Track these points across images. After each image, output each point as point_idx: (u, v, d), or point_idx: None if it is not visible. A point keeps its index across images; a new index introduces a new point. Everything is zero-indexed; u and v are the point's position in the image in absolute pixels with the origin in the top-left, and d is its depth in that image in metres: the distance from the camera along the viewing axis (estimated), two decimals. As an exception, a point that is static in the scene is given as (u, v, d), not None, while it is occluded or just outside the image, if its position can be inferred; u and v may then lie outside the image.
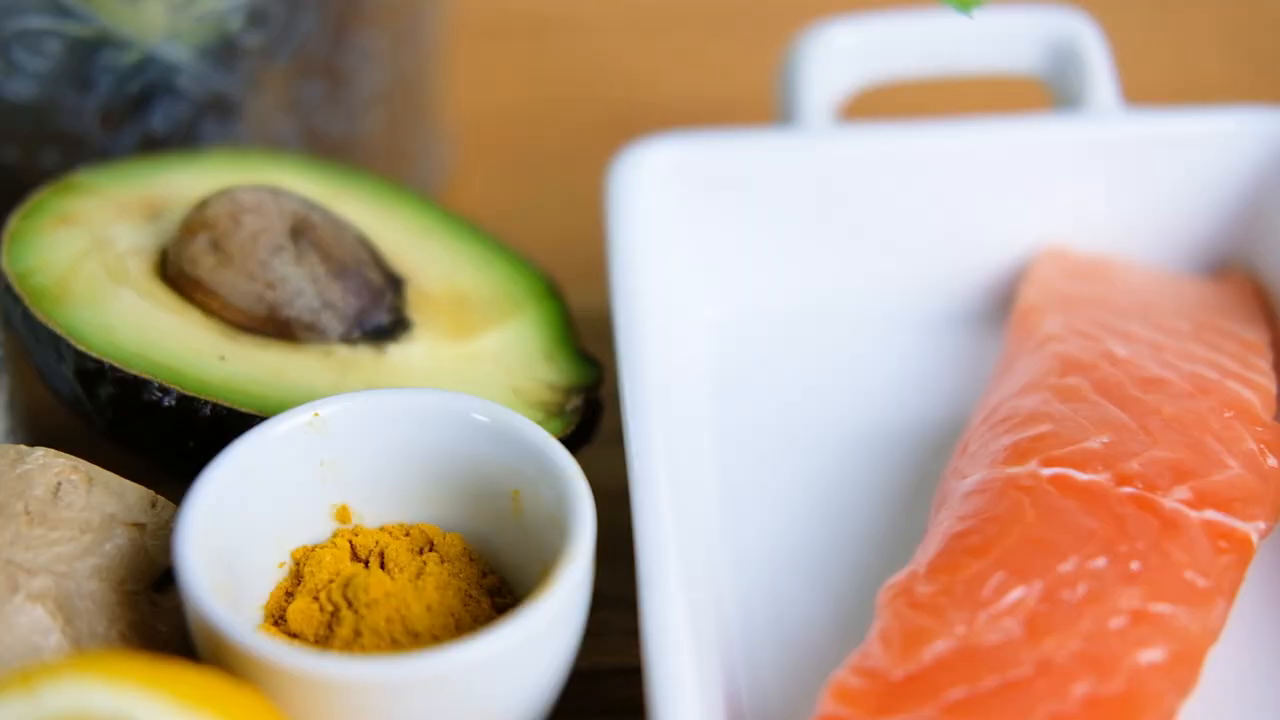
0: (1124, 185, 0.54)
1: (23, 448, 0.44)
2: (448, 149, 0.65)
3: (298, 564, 0.44)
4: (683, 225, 0.54)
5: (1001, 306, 0.55)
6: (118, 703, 0.35)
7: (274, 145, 0.56)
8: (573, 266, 0.56)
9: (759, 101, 0.65)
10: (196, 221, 0.48)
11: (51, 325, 0.46)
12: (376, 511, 0.45)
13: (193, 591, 0.39)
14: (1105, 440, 0.44)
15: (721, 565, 0.48)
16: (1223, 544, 0.42)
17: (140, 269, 0.49)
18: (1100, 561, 0.41)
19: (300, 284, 0.48)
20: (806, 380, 0.53)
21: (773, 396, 0.53)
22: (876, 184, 0.54)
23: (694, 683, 0.40)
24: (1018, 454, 0.44)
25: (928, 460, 0.51)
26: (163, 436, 0.46)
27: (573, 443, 0.47)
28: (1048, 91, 0.57)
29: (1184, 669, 0.40)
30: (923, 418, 0.52)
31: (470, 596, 0.43)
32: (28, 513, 0.42)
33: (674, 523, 0.43)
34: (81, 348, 0.46)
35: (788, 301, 0.55)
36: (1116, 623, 0.40)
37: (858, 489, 0.50)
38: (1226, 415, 0.45)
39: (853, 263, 0.55)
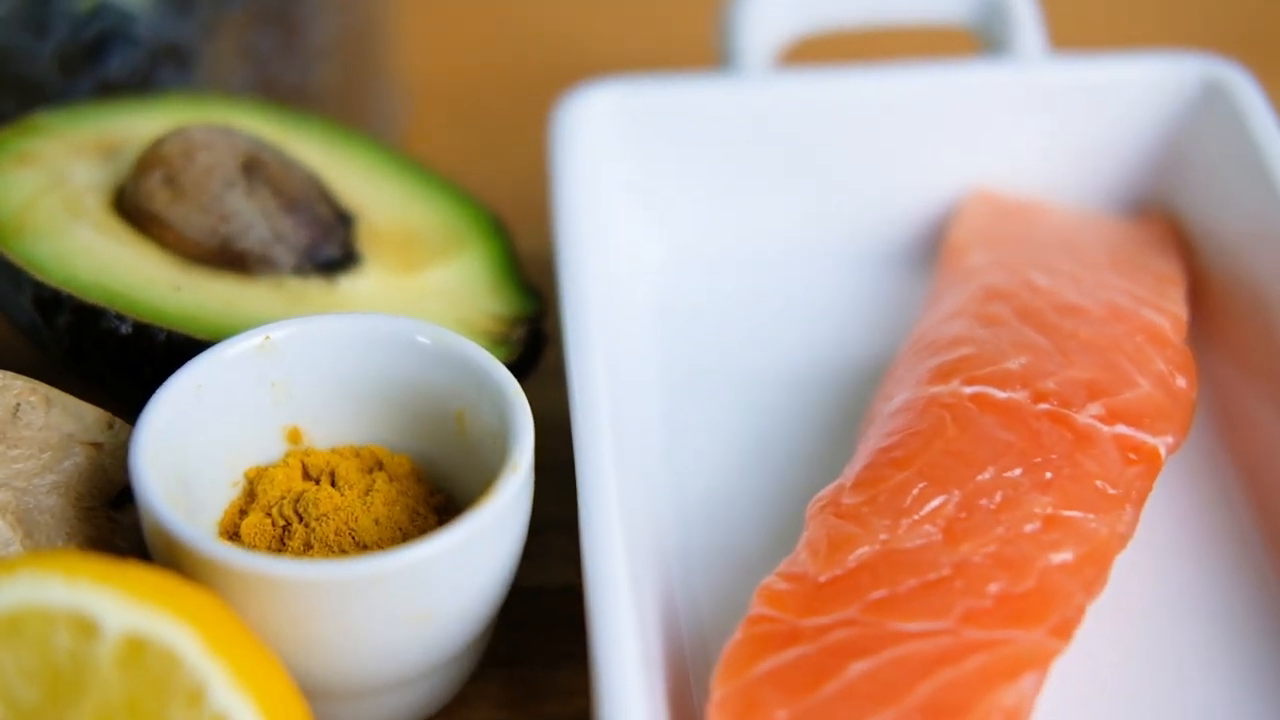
0: (1050, 130, 0.56)
1: (-18, 372, 0.46)
2: (401, 101, 0.66)
3: (251, 483, 0.46)
4: (625, 168, 0.56)
5: (933, 246, 0.57)
6: (74, 597, 0.37)
7: (229, 94, 0.58)
8: (523, 212, 0.58)
9: (705, 53, 0.67)
10: (151, 158, 0.50)
11: (10, 256, 0.48)
12: (327, 433, 0.47)
13: (149, 501, 0.41)
14: (1023, 361, 0.46)
15: (662, 490, 0.50)
16: (1132, 456, 0.44)
17: (97, 205, 0.50)
18: (1016, 471, 0.43)
19: (252, 218, 0.49)
20: (747, 316, 0.55)
21: (715, 332, 0.55)
22: (813, 128, 0.56)
23: (630, 598, 0.41)
24: (940, 374, 0.46)
25: (861, 390, 0.53)
26: (119, 365, 0.48)
27: (517, 370, 0.49)
28: (978, 40, 0.59)
29: (1092, 569, 0.42)
30: (858, 352, 0.54)
31: (418, 513, 0.45)
32: (-12, 431, 0.44)
33: (613, 448, 0.45)
34: (39, 277, 0.47)
35: (728, 242, 0.57)
36: (1030, 527, 0.42)
37: (794, 418, 0.52)
38: (1139, 339, 0.48)
39: (791, 205, 0.57)
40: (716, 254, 0.57)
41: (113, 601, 0.37)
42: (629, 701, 0.39)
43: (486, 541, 0.42)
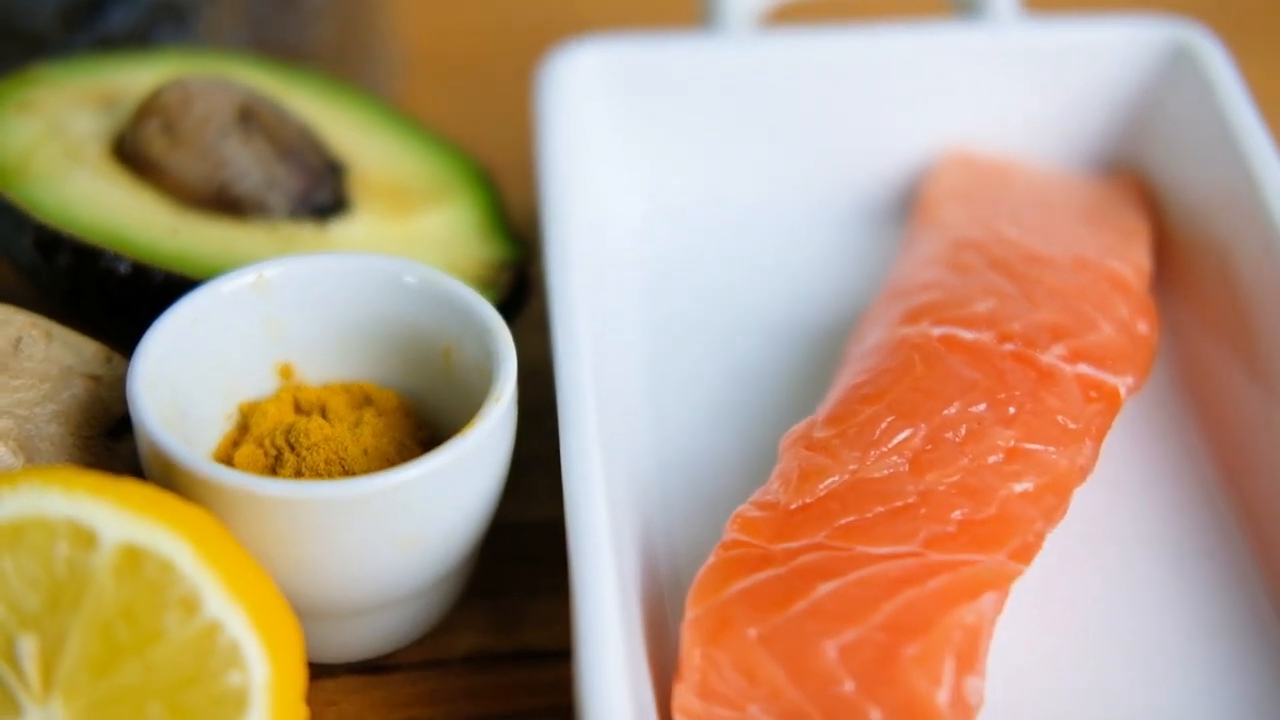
0: (1023, 91, 0.58)
1: (-15, 306, 0.47)
2: (394, 61, 0.68)
3: (244, 416, 0.47)
4: (609, 125, 0.57)
5: (909, 203, 0.59)
6: (73, 508, 0.38)
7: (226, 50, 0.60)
8: (514, 169, 0.60)
9: (690, 14, 0.68)
10: (150, 106, 0.51)
11: (12, 199, 0.50)
12: (318, 370, 0.48)
13: (145, 424, 0.43)
14: (991, 305, 0.48)
15: (642, 431, 0.51)
16: (1093, 394, 0.46)
17: (96, 152, 0.52)
18: (981, 407, 0.45)
19: (247, 164, 0.51)
20: (728, 268, 0.57)
21: (697, 283, 0.57)
22: (793, 88, 0.58)
23: (608, 529, 0.43)
24: (911, 316, 0.48)
25: (837, 338, 0.54)
26: (117, 305, 0.49)
27: (503, 313, 0.50)
28: (954, 2, 0.61)
29: (1052, 498, 0.44)
30: (834, 302, 0.56)
31: (405, 446, 0.47)
32: (-10, 362, 0.46)
33: (593, 390, 0.46)
34: (40, 219, 0.49)
35: (710, 197, 0.59)
36: (993, 459, 0.44)
37: (772, 364, 0.54)
38: (1103, 287, 0.49)
39: (771, 162, 0.59)
40: (698, 209, 0.58)
41: (110, 513, 0.39)
42: (605, 626, 0.40)
43: (470, 467, 0.43)
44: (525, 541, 0.50)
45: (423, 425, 0.48)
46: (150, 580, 0.38)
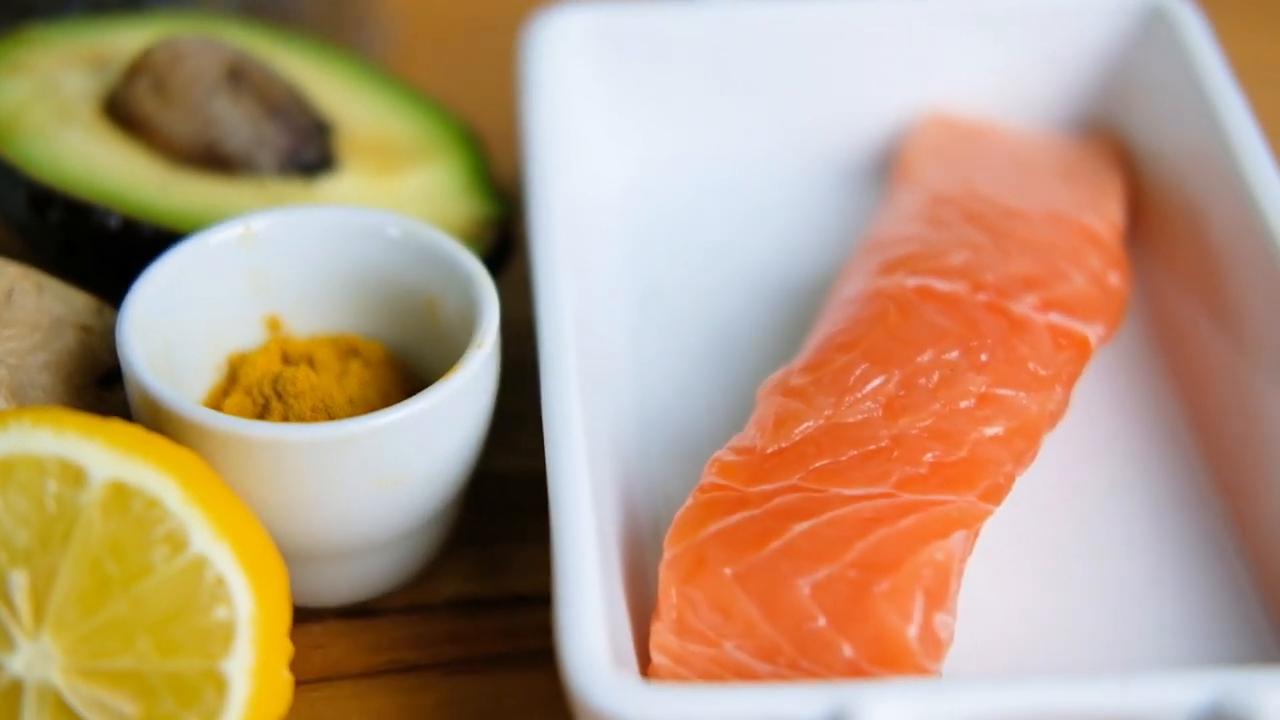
0: (1002, 53, 0.59)
1: (-23, 259, 0.48)
2: (385, 26, 0.68)
3: (233, 367, 0.48)
4: (593, 88, 0.58)
5: (888, 165, 0.60)
6: (63, 446, 0.39)
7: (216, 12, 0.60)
8: (503, 133, 0.60)
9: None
10: (140, 65, 0.52)
11: (5, 156, 0.50)
12: (305, 322, 0.49)
13: (135, 369, 0.44)
14: (965, 257, 0.49)
15: (624, 385, 0.52)
16: (1064, 342, 0.47)
17: (88, 111, 0.53)
18: (953, 354, 0.46)
19: (236, 122, 0.52)
20: (710, 229, 0.58)
21: (680, 243, 0.57)
22: (775, 52, 0.59)
23: (587, 476, 0.43)
24: (887, 268, 0.49)
25: (817, 296, 0.55)
26: (108, 260, 0.50)
27: (487, 269, 0.51)
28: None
29: (1022, 441, 0.45)
30: (815, 261, 0.57)
31: (390, 396, 0.48)
32: (-17, 312, 0.46)
33: (575, 344, 0.47)
34: (33, 175, 0.50)
35: (693, 160, 0.59)
36: (965, 404, 0.45)
37: (753, 321, 0.55)
38: (1076, 240, 0.50)
39: (753, 125, 0.59)
40: (682, 169, 0.59)
41: (99, 452, 0.39)
42: (583, 567, 0.41)
43: (453, 412, 0.44)
44: (510, 493, 0.51)
45: (409, 377, 0.49)
46: (137, 517, 0.39)
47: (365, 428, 0.42)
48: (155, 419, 0.43)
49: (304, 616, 0.47)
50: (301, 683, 0.45)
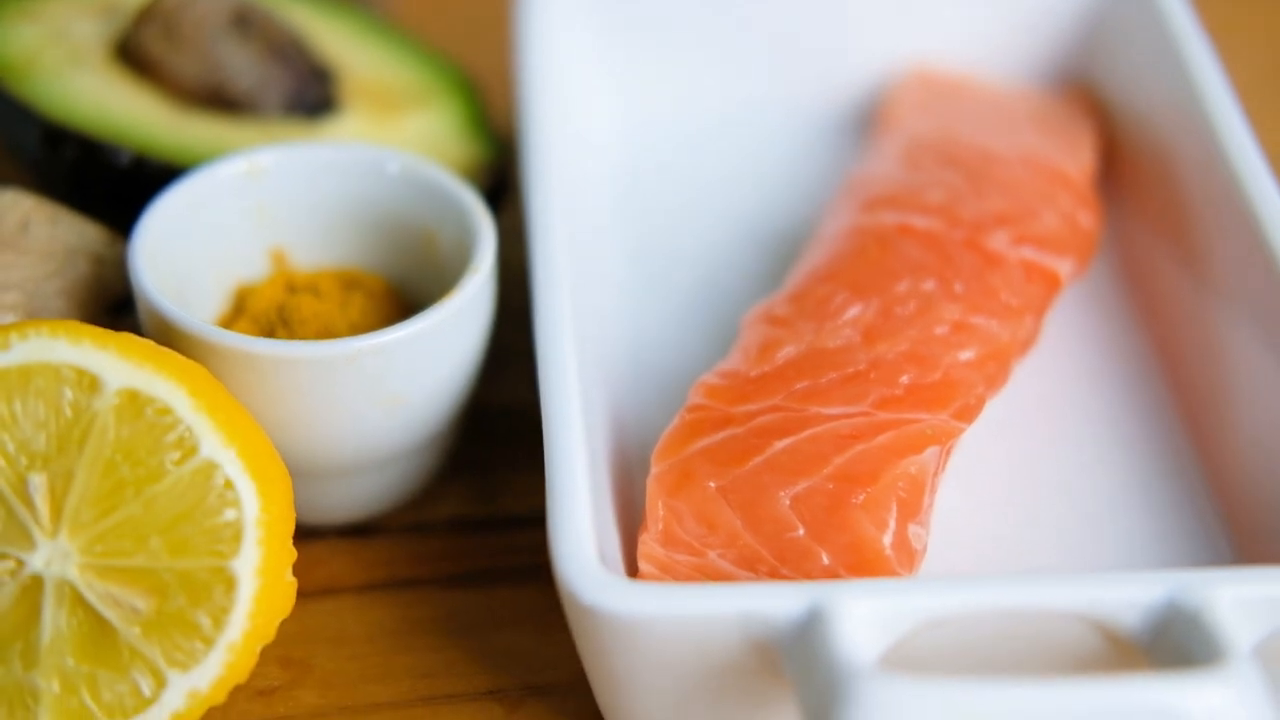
0: (981, 9, 0.61)
1: (-5, 191, 0.50)
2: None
3: (240, 299, 0.50)
4: (586, 36, 0.60)
5: (871, 118, 0.62)
6: (79, 355, 0.41)
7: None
8: (500, 80, 0.62)
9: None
10: (150, 10, 0.54)
11: (21, 96, 0.52)
12: (309, 255, 0.51)
13: (145, 290, 0.46)
14: (942, 196, 0.51)
15: (615, 322, 0.54)
16: (1034, 275, 0.49)
17: (98, 54, 0.55)
18: (929, 284, 0.48)
19: (242, 65, 0.54)
20: (701, 175, 0.60)
21: (671, 188, 0.59)
22: (763, 9, 0.61)
23: (578, 400, 0.45)
24: (867, 206, 0.51)
25: (801, 239, 0.57)
26: (119, 197, 0.52)
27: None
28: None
29: (994, 365, 0.47)
30: (800, 206, 0.59)
31: (390, 325, 0.49)
32: None
33: (568, 277, 0.49)
34: (47, 114, 0.52)
35: (684, 108, 0.61)
36: (939, 330, 0.47)
37: (739, 263, 0.57)
38: (1048, 182, 0.52)
39: (742, 79, 0.61)
40: (672, 119, 0.61)
41: (113, 361, 0.41)
42: (572, 480, 0.43)
43: (450, 333, 0.46)
44: (507, 424, 0.53)
45: (408, 308, 0.51)
46: (150, 423, 0.41)
47: (366, 345, 0.44)
48: (166, 339, 0.45)
49: (308, 535, 0.49)
50: (304, 595, 0.47)
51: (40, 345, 0.41)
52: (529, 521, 0.50)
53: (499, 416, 0.53)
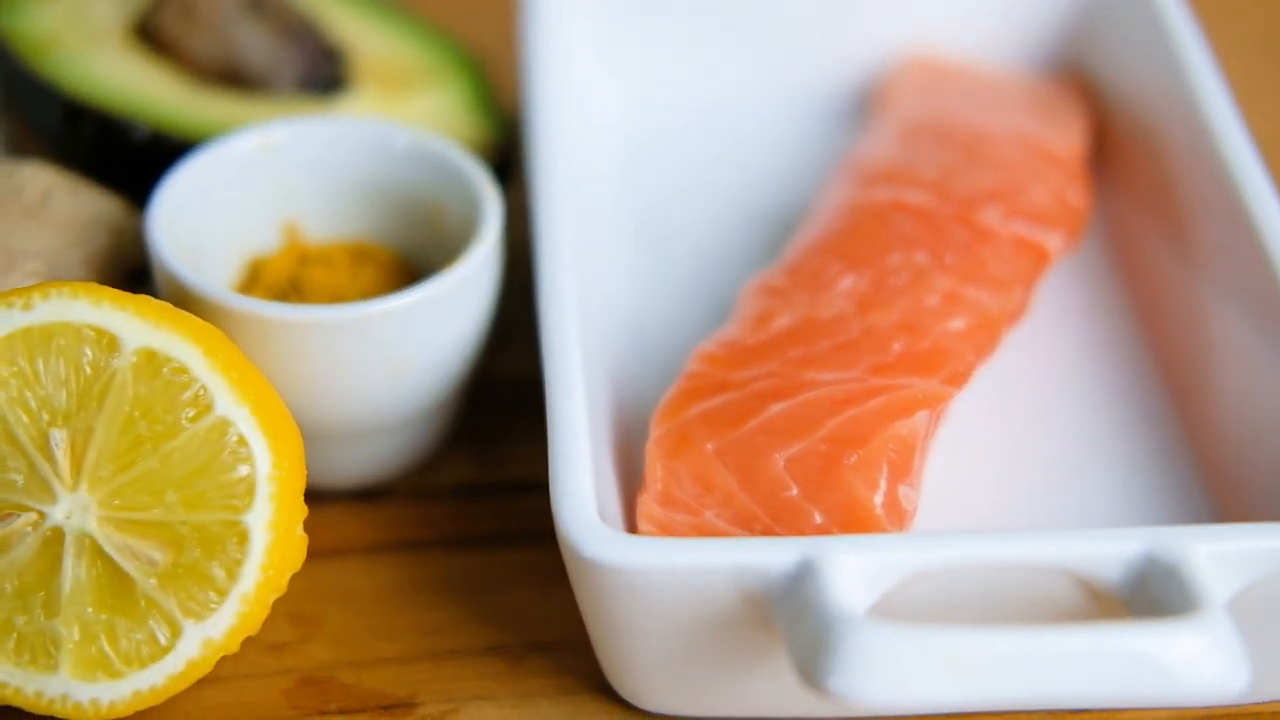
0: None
1: (16, 164, 0.52)
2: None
3: (253, 270, 0.52)
4: (591, 20, 0.62)
5: (869, 103, 0.63)
6: (98, 315, 0.43)
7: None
8: (506, 61, 0.64)
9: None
10: (168, -8, 0.56)
11: (42, 74, 0.54)
12: (321, 229, 0.53)
13: (162, 256, 0.47)
14: (935, 173, 0.53)
15: (618, 293, 0.56)
16: (1024, 248, 0.51)
17: (117, 34, 0.56)
18: (921, 257, 0.50)
19: (257, 45, 0.55)
20: (702, 156, 0.61)
21: (673, 169, 0.61)
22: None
23: (580, 369, 0.46)
24: (862, 183, 0.53)
25: (797, 220, 0.59)
26: (137, 172, 0.54)
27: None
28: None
29: (983, 334, 0.48)
30: (798, 187, 0.60)
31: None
32: (22, 210, 0.50)
33: (572, 257, 0.50)
34: (67, 91, 0.54)
35: (687, 92, 0.63)
36: (930, 301, 0.49)
37: (738, 240, 0.58)
38: (1039, 160, 0.54)
39: (743, 61, 0.63)
40: (674, 100, 0.63)
41: (131, 321, 0.43)
42: (574, 443, 0.44)
43: (457, 300, 0.48)
44: (512, 395, 0.54)
45: (417, 281, 0.52)
46: (166, 381, 0.43)
47: (375, 310, 0.46)
48: (182, 304, 0.47)
49: (317, 499, 0.51)
50: (315, 555, 0.49)
51: (61, 305, 0.43)
52: (531, 488, 0.51)
53: (504, 389, 0.55)
